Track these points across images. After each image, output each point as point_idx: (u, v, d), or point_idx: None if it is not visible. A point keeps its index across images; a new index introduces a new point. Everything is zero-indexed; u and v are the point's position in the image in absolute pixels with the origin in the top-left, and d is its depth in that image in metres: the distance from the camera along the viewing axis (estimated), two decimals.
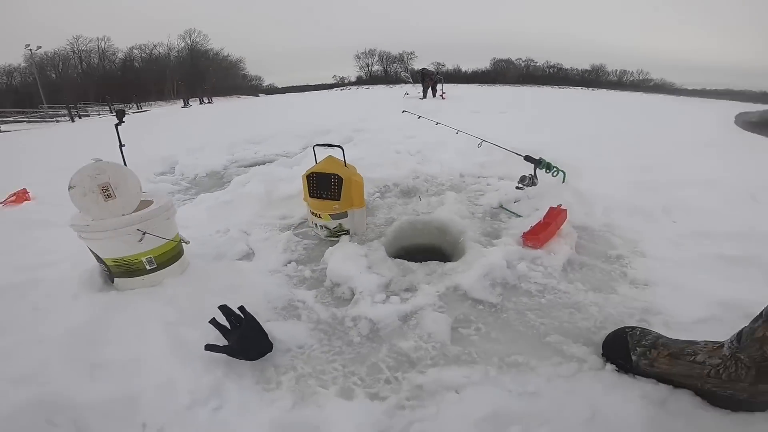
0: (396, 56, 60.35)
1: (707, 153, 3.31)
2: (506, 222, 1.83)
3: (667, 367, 0.87)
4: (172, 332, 1.07)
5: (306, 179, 1.69)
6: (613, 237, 1.63)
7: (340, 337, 1.12)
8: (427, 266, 1.46)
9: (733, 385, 0.79)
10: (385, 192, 2.31)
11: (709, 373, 0.82)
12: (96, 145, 5.18)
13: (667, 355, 0.88)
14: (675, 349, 0.88)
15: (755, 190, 2.13)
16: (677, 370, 0.86)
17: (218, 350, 0.98)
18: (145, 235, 1.26)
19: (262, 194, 2.17)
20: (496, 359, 1.00)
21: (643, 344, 0.92)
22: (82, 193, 1.22)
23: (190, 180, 3.30)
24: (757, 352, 0.76)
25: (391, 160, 2.82)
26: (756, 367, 0.77)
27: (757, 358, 0.77)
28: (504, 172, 2.47)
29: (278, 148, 4.29)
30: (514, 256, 1.44)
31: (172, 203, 1.41)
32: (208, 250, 1.62)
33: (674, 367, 0.86)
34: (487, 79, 50.34)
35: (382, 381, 0.96)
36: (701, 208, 1.85)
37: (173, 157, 3.90)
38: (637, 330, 0.97)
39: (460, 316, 1.18)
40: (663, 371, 0.88)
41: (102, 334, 1.07)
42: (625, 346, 0.95)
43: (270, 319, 1.18)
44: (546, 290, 1.28)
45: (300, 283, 1.43)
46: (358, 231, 1.76)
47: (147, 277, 1.32)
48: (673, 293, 1.23)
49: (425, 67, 13.08)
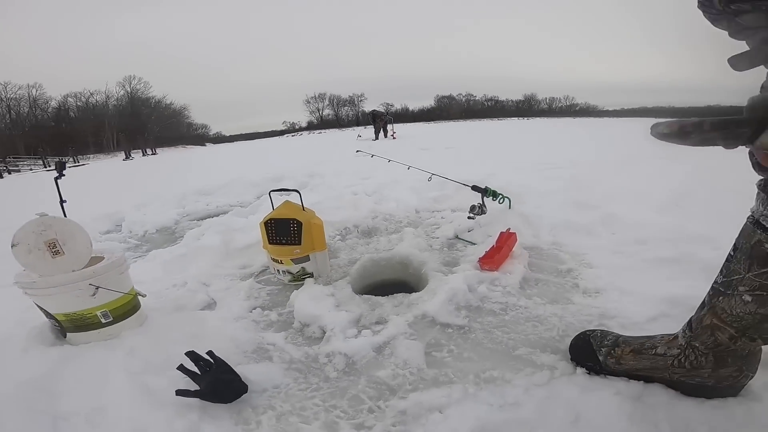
0: (346, 99, 62.31)
1: (630, 168, 3.69)
2: (463, 250, 1.92)
3: (633, 363, 0.93)
4: (137, 381, 1.01)
5: (264, 226, 1.69)
6: (561, 253, 1.77)
7: (316, 374, 1.11)
8: (394, 299, 1.49)
9: (698, 372, 0.85)
10: (346, 234, 2.34)
11: (672, 363, 0.88)
12: (31, 202, 4.80)
13: (630, 352, 0.93)
14: (636, 345, 0.94)
15: (676, 196, 2.41)
16: (643, 365, 0.92)
17: (191, 395, 0.94)
18: (98, 290, 1.19)
19: (219, 245, 2.11)
20: (472, 376, 1.03)
21: (606, 344, 0.98)
22: (27, 250, 1.15)
23: (140, 237, 3.13)
24: (709, 338, 0.82)
25: (349, 201, 2.88)
26: (712, 353, 0.83)
27: (710, 344, 0.82)
28: (456, 204, 2.61)
29: (232, 198, 4.22)
30: (474, 280, 1.51)
31: (124, 258, 1.36)
32: (167, 303, 1.55)
33: (639, 362, 0.92)
34: (433, 116, 53.37)
35: (365, 411, 0.96)
36: (634, 219, 2.06)
37: (119, 214, 3.70)
38: (597, 332, 1.04)
39: (432, 341, 1.21)
40: (630, 367, 0.94)
41: (60, 386, 1.00)
42: (590, 349, 1.01)
43: (240, 362, 1.15)
44: (508, 307, 1.36)
45: (268, 326, 1.39)
46: (322, 273, 1.76)
47: (103, 330, 1.24)
48: (623, 297, 1.34)
49: (375, 109, 13.57)
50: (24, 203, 5.06)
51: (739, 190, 2.28)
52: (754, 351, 0.81)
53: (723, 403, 0.85)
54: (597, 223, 2.03)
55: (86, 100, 41.93)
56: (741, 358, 0.82)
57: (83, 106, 41.73)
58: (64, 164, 1.89)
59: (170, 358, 1.06)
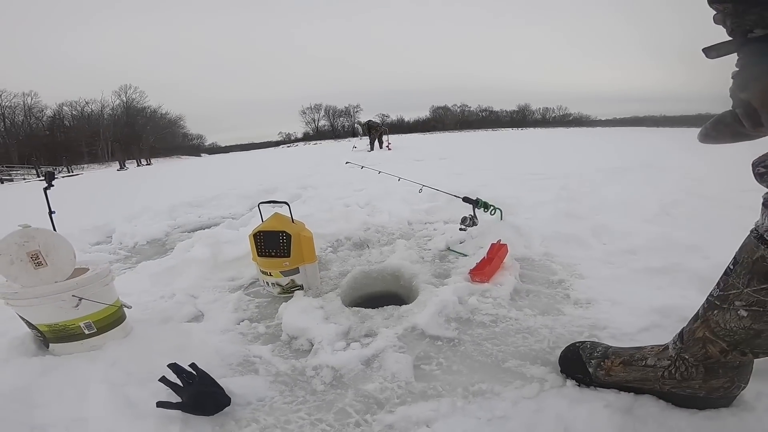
0: (342, 110, 62.75)
1: (620, 178, 3.73)
2: (454, 262, 1.92)
3: (623, 374, 0.92)
4: (118, 393, 0.98)
5: (253, 238, 1.68)
6: (553, 264, 1.77)
7: (303, 387, 1.08)
8: (384, 311, 1.48)
9: (688, 383, 0.84)
10: (338, 246, 2.33)
11: (663, 374, 0.87)
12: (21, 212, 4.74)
13: (620, 363, 0.92)
14: (626, 356, 0.93)
15: (665, 206, 2.43)
16: (633, 376, 0.91)
17: (172, 407, 0.92)
18: (81, 301, 1.17)
19: (208, 257, 2.09)
20: (460, 390, 1.02)
21: (596, 356, 0.97)
22: (9, 261, 1.13)
23: (130, 248, 3.09)
24: (700, 351, 0.82)
25: (341, 213, 2.87)
26: (702, 365, 0.82)
27: (700, 356, 0.82)
28: (448, 216, 2.61)
29: (223, 210, 4.19)
30: (464, 292, 1.51)
31: (109, 269, 1.34)
32: (153, 315, 1.52)
33: (629, 374, 0.91)
34: (428, 127, 53.84)
35: (352, 424, 0.94)
36: (624, 229, 2.07)
37: (109, 225, 3.65)
38: (587, 343, 1.03)
39: (421, 354, 1.20)
40: (620, 379, 0.92)
41: (40, 397, 0.97)
42: (580, 360, 1.00)
43: (225, 375, 1.12)
44: (498, 319, 1.35)
45: (255, 339, 1.37)
46: (312, 285, 1.74)
47: (86, 342, 1.22)
48: (614, 308, 1.34)
49: (371, 119, 13.72)
50: (13, 213, 5.00)
51: (726, 199, 2.33)
52: (745, 363, 0.81)
53: (715, 414, 0.84)
54: (588, 233, 2.04)
55: (81, 109, 41.71)
56: (732, 369, 0.81)
57: (78, 115, 41.49)
58: (53, 174, 1.88)
59: (153, 370, 1.03)
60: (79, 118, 41.38)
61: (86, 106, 41.83)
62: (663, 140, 9.69)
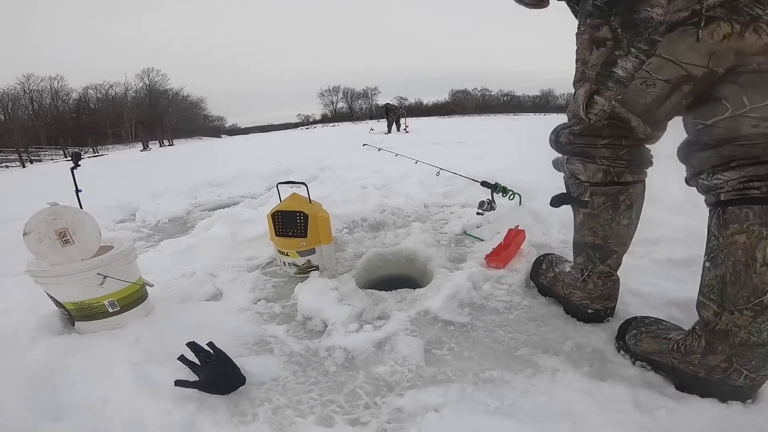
0: (360, 92, 62.33)
1: None
2: (470, 246, 1.90)
3: (647, 345, 0.98)
4: (138, 371, 1.02)
5: (271, 218, 1.70)
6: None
7: (315, 367, 1.11)
8: (397, 294, 1.48)
9: (690, 358, 0.87)
10: (354, 227, 2.34)
11: (673, 347, 0.91)
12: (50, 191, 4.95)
13: (650, 336, 0.98)
14: (656, 331, 0.99)
15: (691, 195, 2.33)
16: (653, 348, 0.96)
17: (189, 385, 0.95)
18: (106, 279, 1.22)
19: (228, 236, 2.13)
20: (471, 376, 1.02)
21: (641, 329, 1.02)
22: (38, 239, 1.18)
23: (152, 227, 3.19)
24: (702, 320, 0.87)
25: (358, 195, 2.87)
26: (704, 336, 0.85)
27: (702, 325, 0.87)
28: (465, 200, 2.58)
29: (243, 190, 4.25)
30: (479, 277, 1.49)
31: (133, 247, 1.38)
32: (174, 293, 1.57)
33: (651, 346, 0.97)
34: (447, 111, 52.79)
35: (362, 406, 0.96)
36: (646, 218, 1.99)
37: (133, 203, 3.77)
38: (649, 319, 1.06)
39: (433, 338, 1.20)
40: (644, 350, 0.98)
41: (65, 376, 1.02)
42: (624, 328, 1.07)
43: (241, 354, 1.16)
44: (512, 307, 1.34)
45: (270, 319, 1.40)
46: (328, 266, 1.76)
47: (110, 320, 1.26)
48: (633, 298, 1.30)
49: (389, 102, 13.55)
50: (43, 192, 5.21)
51: None
52: (748, 343, 0.80)
53: (728, 408, 0.83)
54: None
55: (106, 92, 43.11)
56: (731, 347, 0.82)
57: (103, 97, 42.92)
58: (80, 155, 1.94)
59: (172, 348, 1.07)
60: (104, 100, 42.76)
61: (110, 89, 43.26)
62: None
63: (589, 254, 1.18)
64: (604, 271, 1.16)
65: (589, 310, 1.19)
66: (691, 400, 0.87)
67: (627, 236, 1.15)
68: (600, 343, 1.11)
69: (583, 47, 0.89)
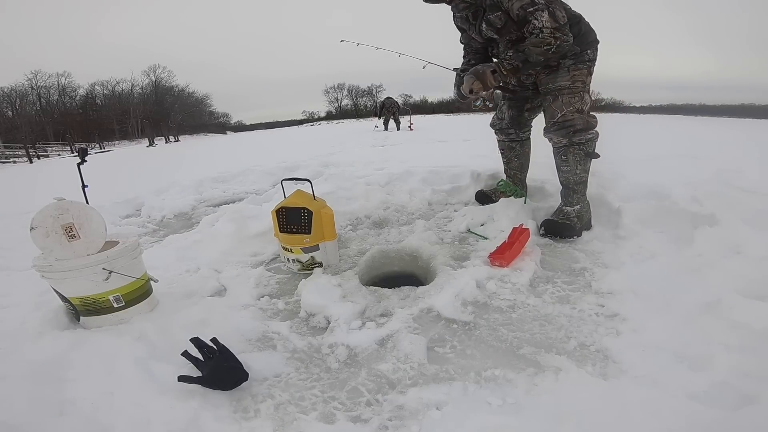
0: (365, 90, 62.11)
1: (652, 165, 3.54)
2: (474, 245, 1.89)
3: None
4: (143, 367, 1.03)
5: (275, 214, 1.70)
6: (576, 251, 1.72)
7: (318, 364, 1.11)
8: (400, 291, 1.48)
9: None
10: (357, 224, 2.34)
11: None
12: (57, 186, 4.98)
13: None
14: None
15: (698, 195, 2.30)
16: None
17: (192, 381, 0.96)
18: (111, 274, 1.23)
19: (232, 232, 2.14)
20: (473, 374, 1.02)
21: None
22: (45, 233, 1.19)
23: (158, 222, 3.21)
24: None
25: (362, 192, 2.87)
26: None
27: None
28: (469, 198, 2.57)
29: (247, 186, 4.26)
30: (483, 275, 1.49)
31: (138, 243, 1.39)
32: (178, 289, 1.58)
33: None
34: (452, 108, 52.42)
35: (363, 404, 0.96)
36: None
37: (139, 199, 3.79)
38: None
39: (435, 336, 1.20)
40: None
41: (69, 371, 1.03)
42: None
43: (244, 350, 1.16)
44: (516, 305, 1.33)
45: (274, 315, 1.41)
46: (331, 263, 1.76)
47: (114, 315, 1.28)
48: (637, 300, 1.30)
49: (389, 96, 12.29)
50: (49, 187, 5.25)
51: (765, 192, 2.17)
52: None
53: (732, 409, 0.82)
54: (614, 222, 1.97)
55: (112, 89, 43.28)
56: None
57: (109, 94, 43.10)
58: (86, 150, 1.95)
59: (176, 344, 1.08)
60: (110, 97, 42.95)
61: (117, 85, 43.39)
62: (701, 128, 9.11)
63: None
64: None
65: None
66: (695, 402, 0.86)
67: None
68: (604, 342, 1.10)
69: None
